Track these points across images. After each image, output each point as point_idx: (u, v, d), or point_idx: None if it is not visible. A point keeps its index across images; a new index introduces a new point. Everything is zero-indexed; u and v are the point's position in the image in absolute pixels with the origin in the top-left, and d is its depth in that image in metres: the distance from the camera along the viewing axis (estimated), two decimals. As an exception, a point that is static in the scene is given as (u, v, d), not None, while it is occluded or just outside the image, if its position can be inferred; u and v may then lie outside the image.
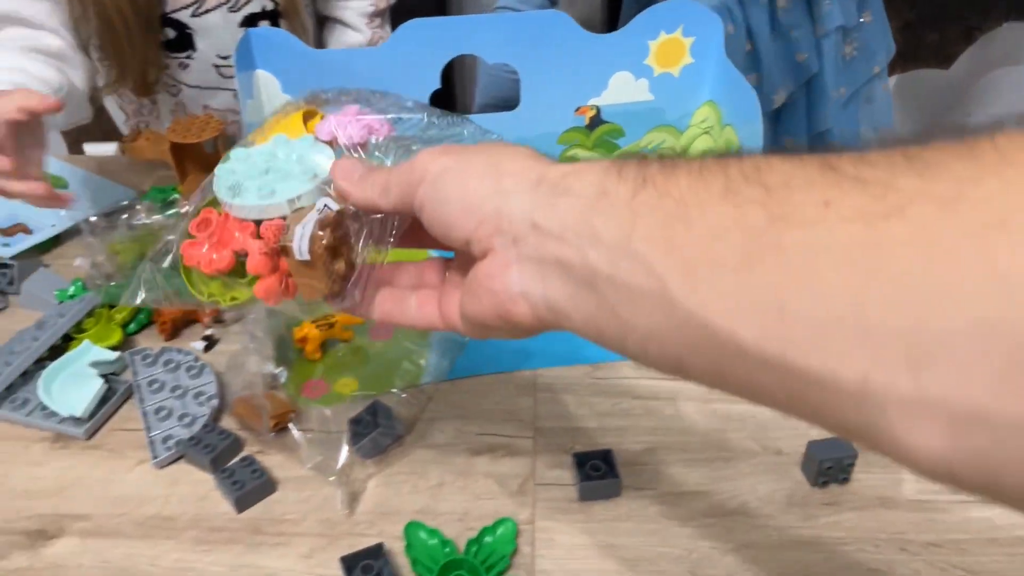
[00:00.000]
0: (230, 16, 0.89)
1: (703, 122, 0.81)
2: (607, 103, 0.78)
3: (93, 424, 0.61)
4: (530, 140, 0.76)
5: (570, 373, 0.67)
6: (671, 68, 0.77)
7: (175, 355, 0.66)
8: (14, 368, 0.63)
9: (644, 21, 0.74)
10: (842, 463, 0.55)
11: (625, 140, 0.81)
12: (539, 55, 0.74)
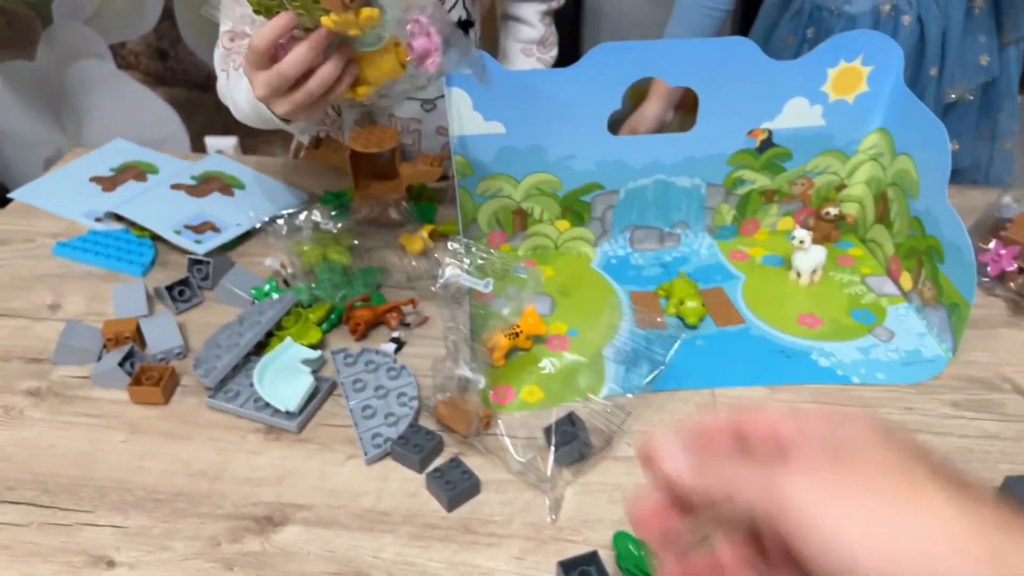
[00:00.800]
0: None
1: (871, 149, 0.82)
2: (779, 127, 0.80)
3: (303, 418, 0.65)
4: (701, 160, 0.79)
5: (750, 394, 0.68)
6: (846, 95, 0.78)
7: (374, 356, 0.69)
8: (228, 361, 0.68)
9: (826, 49, 0.76)
10: (1042, 500, 0.56)
11: (792, 163, 0.83)
12: (720, 80, 0.76)
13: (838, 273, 0.82)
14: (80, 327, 0.73)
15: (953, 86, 1.05)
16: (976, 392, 0.68)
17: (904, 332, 0.74)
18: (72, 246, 0.85)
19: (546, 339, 0.73)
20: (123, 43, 1.75)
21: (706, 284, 0.80)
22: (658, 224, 0.86)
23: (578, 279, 0.81)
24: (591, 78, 0.75)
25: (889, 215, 0.80)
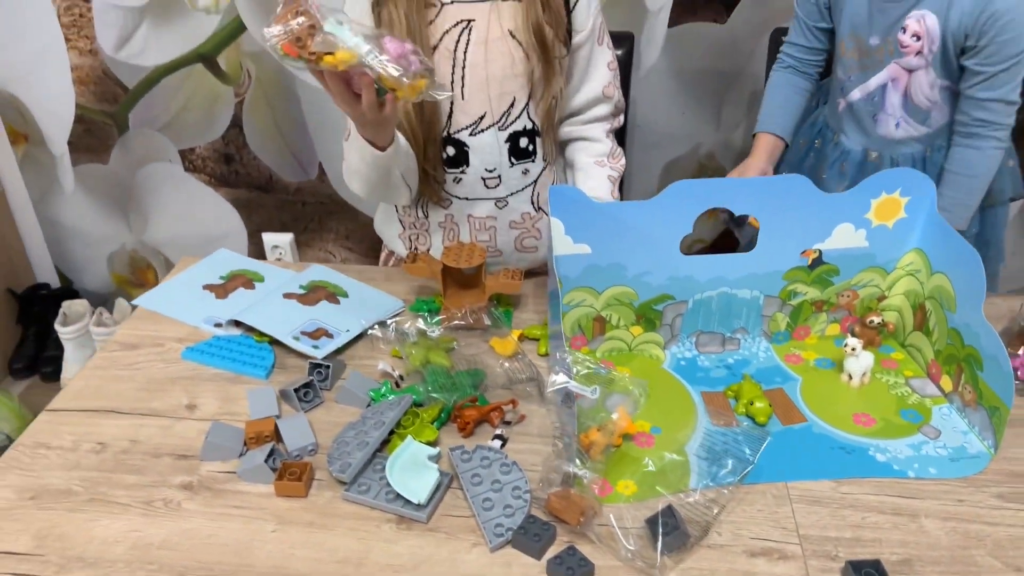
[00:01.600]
0: (499, 134, 1.06)
1: (908, 265, 0.93)
2: (829, 248, 0.91)
3: (431, 509, 0.74)
4: (760, 275, 0.91)
5: (817, 486, 0.78)
6: (887, 221, 0.90)
7: (487, 453, 0.79)
8: (361, 458, 0.77)
9: (870, 183, 0.88)
10: (1088, 584, 0.65)
11: (839, 278, 0.94)
12: (778, 209, 0.88)
13: (884, 375, 0.92)
14: (224, 427, 0.82)
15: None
16: (1019, 485, 0.77)
17: (949, 430, 0.84)
18: (200, 350, 0.95)
19: (634, 436, 0.83)
20: (192, 148, 1.90)
21: (768, 385, 0.90)
22: (721, 330, 0.96)
23: (654, 379, 0.91)
24: (666, 210, 0.87)
25: (928, 324, 0.91)
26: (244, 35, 1.73)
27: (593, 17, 1.05)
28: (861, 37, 1.08)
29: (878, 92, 1.09)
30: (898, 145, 1.12)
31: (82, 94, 1.86)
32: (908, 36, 1.02)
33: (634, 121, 1.72)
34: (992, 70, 0.99)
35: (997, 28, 0.96)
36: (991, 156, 1.04)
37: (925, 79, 1.04)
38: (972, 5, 0.97)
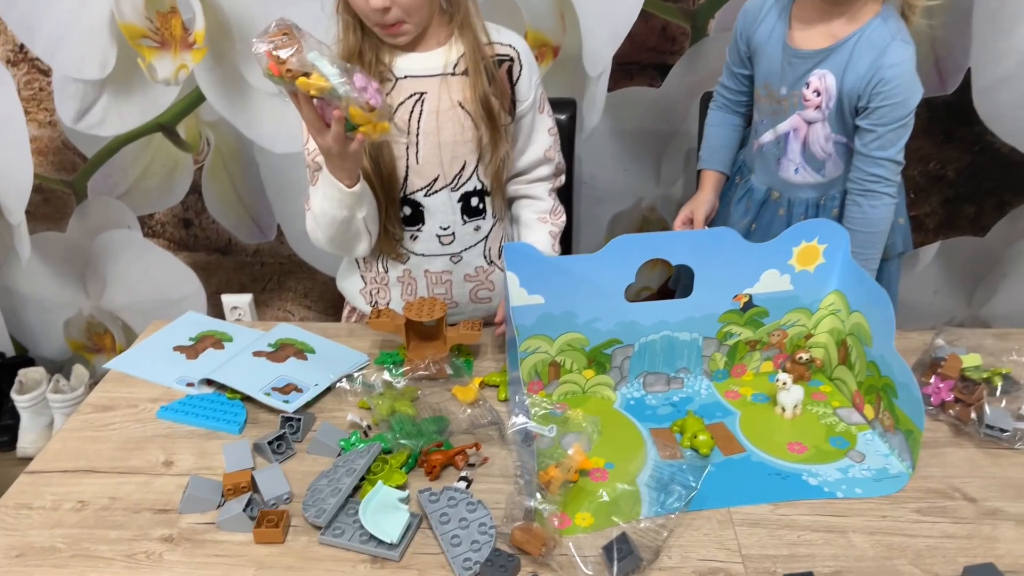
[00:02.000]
0: (452, 194, 1.14)
1: (830, 306, 1.03)
2: (758, 292, 1.01)
3: (402, 548, 0.79)
4: (697, 319, 0.99)
5: (757, 510, 0.85)
6: (808, 266, 1.00)
7: (454, 493, 0.84)
8: (335, 503, 0.82)
9: (791, 233, 0.97)
10: (994, 583, 0.73)
11: (769, 319, 1.03)
12: (711, 259, 0.97)
13: (814, 407, 1.01)
14: (202, 480, 0.87)
15: None
16: (934, 500, 0.86)
17: (872, 454, 0.93)
18: (174, 409, 1.00)
19: (589, 472, 0.89)
20: (151, 214, 1.94)
21: (710, 420, 0.98)
22: (665, 370, 1.04)
23: (606, 419, 0.98)
24: (610, 262, 0.95)
25: (850, 358, 1.00)
26: (203, 104, 1.80)
27: (534, 89, 1.15)
28: (772, 87, 1.20)
29: (783, 138, 1.20)
30: (796, 189, 1.23)
31: (40, 164, 1.89)
32: (810, 91, 1.14)
33: (580, 178, 1.82)
34: (883, 130, 1.10)
35: (886, 92, 1.08)
36: (886, 209, 1.15)
37: (822, 132, 1.16)
38: (865, 70, 1.09)
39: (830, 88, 1.13)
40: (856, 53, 1.10)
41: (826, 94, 1.13)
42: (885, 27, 1.10)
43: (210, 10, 1.67)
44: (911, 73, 1.10)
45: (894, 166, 1.13)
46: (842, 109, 1.13)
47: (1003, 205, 1.85)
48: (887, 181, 1.14)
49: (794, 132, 1.18)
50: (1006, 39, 1.66)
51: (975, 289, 1.94)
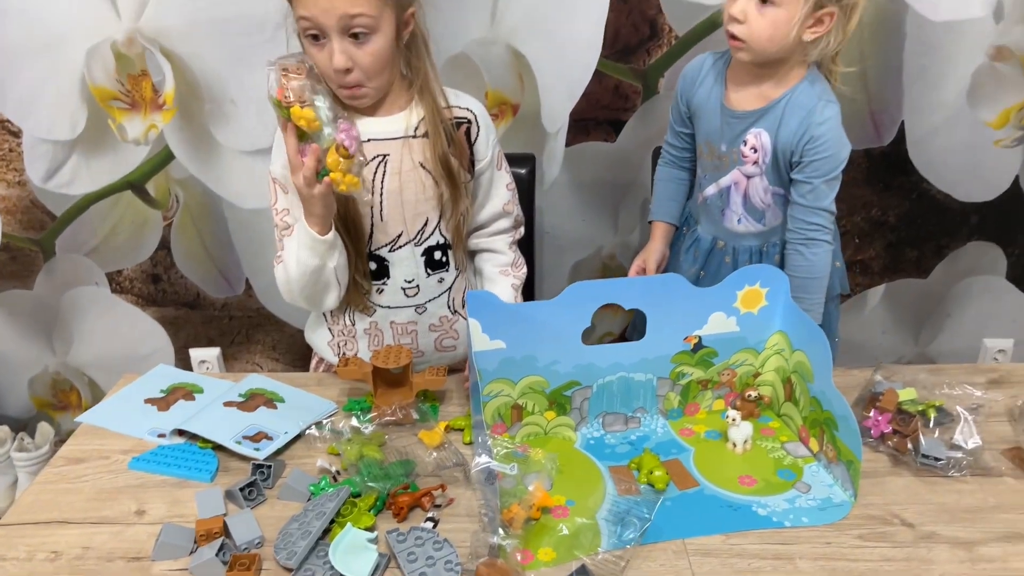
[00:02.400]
0: (415, 249, 1.19)
1: (775, 345, 1.09)
2: (706, 333, 1.07)
3: (373, 586, 0.82)
4: (651, 360, 1.05)
5: (710, 541, 0.89)
6: (752, 309, 1.07)
7: (420, 533, 0.88)
8: (306, 545, 0.85)
9: (734, 278, 1.04)
10: (928, 600, 0.78)
11: (718, 359, 1.09)
12: (662, 303, 1.03)
13: (763, 441, 1.06)
14: (175, 527, 0.89)
15: None
16: (875, 527, 0.91)
17: (818, 484, 0.98)
18: (146, 460, 1.02)
19: (551, 510, 0.93)
20: (120, 270, 1.96)
21: (666, 456, 1.03)
22: (623, 410, 1.09)
23: (567, 458, 1.03)
24: (567, 307, 1.01)
25: (795, 395, 1.07)
26: (173, 163, 1.84)
27: (492, 148, 1.22)
28: (713, 144, 1.28)
29: (726, 191, 1.28)
30: (740, 238, 1.30)
31: (8, 223, 1.91)
32: (748, 148, 1.22)
33: (543, 228, 1.89)
34: (817, 182, 1.18)
35: (816, 148, 1.17)
36: (825, 255, 1.22)
37: (760, 184, 1.24)
38: (796, 127, 1.17)
39: (765, 145, 1.21)
40: (787, 113, 1.19)
41: (762, 150, 1.21)
42: (812, 89, 1.19)
43: (180, 72, 1.73)
44: (838, 130, 1.19)
45: (828, 215, 1.21)
46: (777, 163, 1.21)
47: (941, 248, 1.95)
48: (824, 229, 1.21)
49: (735, 185, 1.26)
50: (934, 94, 1.78)
51: (921, 328, 2.03)
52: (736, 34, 1.15)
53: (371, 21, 1.04)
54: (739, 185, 1.25)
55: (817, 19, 1.13)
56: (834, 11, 1.12)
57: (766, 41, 1.14)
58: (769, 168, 1.22)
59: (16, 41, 1.71)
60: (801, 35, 1.13)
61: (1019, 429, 1.06)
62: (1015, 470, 1.00)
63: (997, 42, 1.73)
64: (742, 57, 1.18)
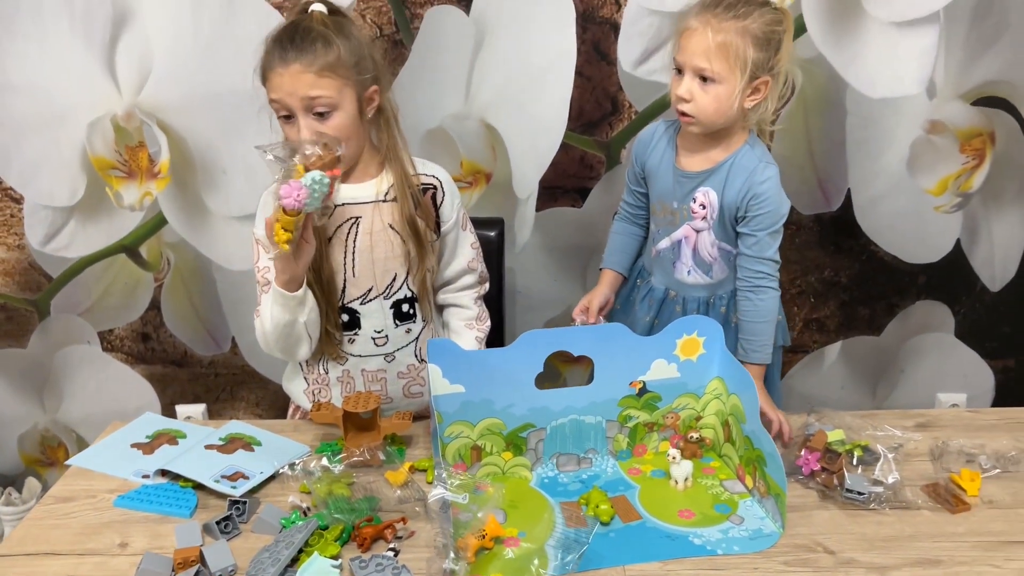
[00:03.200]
0: (384, 302, 1.29)
1: (714, 390, 1.19)
2: (650, 379, 1.17)
3: (335, 608, 0.90)
4: (600, 404, 1.14)
5: (649, 567, 0.97)
6: (691, 356, 1.17)
7: (381, 560, 0.96)
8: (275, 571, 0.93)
9: (673, 328, 1.14)
10: (838, 615, 0.86)
11: (662, 403, 1.19)
12: (608, 351, 1.13)
13: (704, 479, 1.15)
14: (155, 556, 0.96)
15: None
16: (799, 554, 0.99)
17: (750, 517, 1.06)
18: (130, 497, 1.10)
19: (504, 540, 1.01)
20: (111, 329, 2.05)
21: (613, 493, 1.11)
22: (575, 451, 1.18)
23: (522, 496, 1.11)
24: (521, 354, 1.11)
25: (732, 436, 1.16)
26: (165, 227, 1.95)
27: (456, 211, 1.33)
28: (666, 202, 1.39)
29: (677, 245, 1.39)
30: (690, 289, 1.41)
31: (6, 284, 2.01)
32: (697, 205, 1.33)
33: (514, 287, 2.00)
34: (761, 235, 1.29)
35: (759, 204, 1.28)
36: (772, 301, 1.32)
37: (708, 239, 1.35)
38: (740, 186, 1.29)
39: (713, 202, 1.33)
40: (731, 174, 1.31)
41: (710, 207, 1.33)
42: (752, 152, 1.31)
43: (175, 144, 1.86)
44: (777, 188, 1.31)
45: (773, 264, 1.31)
46: (723, 219, 1.33)
47: (892, 307, 2.06)
48: (770, 276, 1.32)
49: (685, 239, 1.37)
50: (876, 164, 1.92)
51: (877, 384, 2.13)
52: (685, 111, 1.28)
53: (331, 100, 1.17)
54: (689, 239, 1.36)
55: (754, 88, 1.26)
56: (768, 79, 1.26)
57: (712, 114, 1.27)
58: (716, 224, 1.33)
59: (23, 114, 1.84)
60: (743, 104, 1.27)
61: (938, 467, 1.15)
62: (932, 503, 1.08)
63: (931, 116, 1.88)
64: (693, 130, 1.31)
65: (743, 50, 1.22)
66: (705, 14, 1.23)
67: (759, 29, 1.22)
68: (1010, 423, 1.28)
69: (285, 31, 1.21)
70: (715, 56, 1.22)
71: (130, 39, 1.80)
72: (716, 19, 1.21)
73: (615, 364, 1.14)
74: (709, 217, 1.34)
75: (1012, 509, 1.07)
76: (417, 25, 1.82)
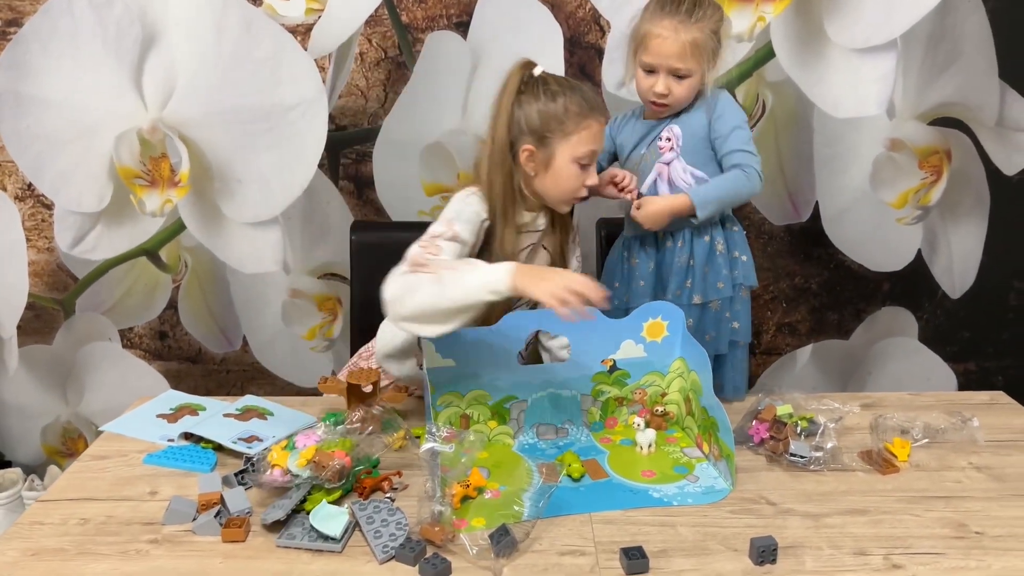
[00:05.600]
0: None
1: (676, 369, 1.33)
2: (619, 358, 1.31)
3: (344, 542, 1.04)
4: (575, 379, 1.28)
5: (612, 515, 1.11)
6: (656, 338, 1.31)
7: (378, 503, 1.10)
8: (287, 505, 1.07)
9: (640, 312, 1.29)
10: (770, 548, 1.00)
11: (631, 380, 1.33)
12: (582, 332, 1.27)
13: (666, 447, 1.29)
14: (181, 499, 1.11)
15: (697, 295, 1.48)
16: (744, 504, 1.13)
17: (705, 476, 1.20)
18: (157, 456, 1.24)
19: (486, 491, 1.15)
20: (131, 327, 2.20)
21: (585, 457, 1.25)
22: (553, 422, 1.32)
23: (505, 458, 1.25)
24: (505, 333, 1.26)
25: (693, 409, 1.30)
26: (184, 232, 2.12)
27: None
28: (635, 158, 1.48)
29: (652, 187, 1.49)
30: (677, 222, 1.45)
31: (36, 284, 2.17)
32: (663, 141, 1.44)
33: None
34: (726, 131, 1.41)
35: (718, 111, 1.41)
36: (752, 180, 1.40)
37: (680, 166, 1.44)
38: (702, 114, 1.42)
39: (678, 134, 1.43)
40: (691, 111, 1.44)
41: (675, 138, 1.43)
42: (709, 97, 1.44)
43: (195, 155, 2.02)
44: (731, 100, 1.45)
45: (750, 156, 1.41)
46: (694, 148, 1.43)
47: (860, 312, 2.21)
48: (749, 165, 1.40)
49: (659, 176, 1.46)
50: (841, 179, 2.09)
51: (846, 385, 2.27)
52: (663, 103, 1.42)
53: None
54: (662, 175, 1.45)
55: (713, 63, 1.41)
56: (720, 48, 1.41)
57: (685, 99, 1.42)
58: (684, 151, 1.44)
59: (57, 127, 2.01)
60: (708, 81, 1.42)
61: (875, 438, 1.29)
62: (866, 467, 1.22)
63: (892, 135, 2.05)
64: (667, 112, 1.44)
65: (708, 45, 1.38)
66: (670, 20, 1.36)
67: (716, 24, 1.39)
68: (946, 404, 1.42)
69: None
70: (688, 56, 1.37)
71: (157, 59, 1.97)
72: (683, 25, 1.36)
73: (589, 344, 1.29)
74: (676, 147, 1.44)
75: (937, 472, 1.22)
76: (419, 49, 1.99)
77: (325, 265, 2.16)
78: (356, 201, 2.12)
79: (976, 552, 1.03)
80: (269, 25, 1.94)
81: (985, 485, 1.18)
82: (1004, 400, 1.47)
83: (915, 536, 1.06)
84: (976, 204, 2.10)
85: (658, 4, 1.40)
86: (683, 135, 1.45)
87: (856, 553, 1.03)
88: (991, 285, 2.16)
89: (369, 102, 2.06)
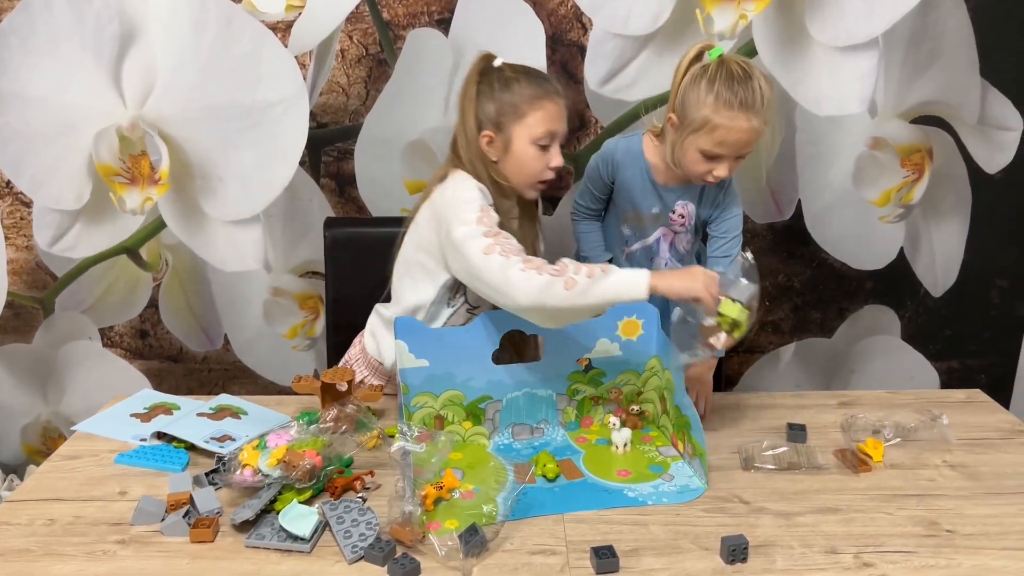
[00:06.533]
0: None
1: (652, 368, 1.33)
2: (595, 357, 1.30)
3: (313, 542, 1.03)
4: (551, 378, 1.28)
5: (585, 515, 1.11)
6: (631, 336, 1.31)
7: (349, 503, 1.09)
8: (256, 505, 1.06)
9: (615, 311, 1.29)
10: (740, 547, 0.99)
11: (607, 379, 1.33)
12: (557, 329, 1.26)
13: (642, 446, 1.29)
14: (150, 498, 1.10)
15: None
16: (718, 503, 1.13)
17: (680, 475, 1.20)
18: (129, 456, 1.23)
19: (460, 492, 1.15)
20: (111, 326, 2.19)
21: (561, 457, 1.25)
22: (529, 422, 1.32)
23: (479, 458, 1.25)
24: (479, 333, 1.25)
25: (668, 408, 1.30)
26: (164, 230, 2.10)
27: None
28: (641, 211, 1.51)
29: (655, 244, 1.53)
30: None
31: (14, 283, 2.15)
32: (676, 216, 1.49)
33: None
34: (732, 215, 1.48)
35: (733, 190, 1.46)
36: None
37: (685, 238, 1.52)
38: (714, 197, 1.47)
39: (691, 213, 1.49)
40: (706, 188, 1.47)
41: (688, 217, 1.49)
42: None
43: (175, 152, 2.01)
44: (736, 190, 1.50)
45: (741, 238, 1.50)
46: (696, 225, 1.50)
47: (842, 311, 2.21)
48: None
49: (663, 237, 1.51)
50: (824, 178, 2.08)
51: (829, 383, 2.27)
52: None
53: None
54: (667, 236, 1.51)
55: None
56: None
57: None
58: (691, 226, 1.51)
59: (36, 124, 1.99)
60: None
61: (848, 437, 1.29)
62: (839, 465, 1.22)
63: (874, 134, 2.04)
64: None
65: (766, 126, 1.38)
66: (745, 114, 1.33)
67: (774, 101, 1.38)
68: (922, 402, 1.42)
69: None
70: (754, 142, 1.37)
71: (136, 56, 1.96)
72: (756, 116, 1.33)
73: (564, 342, 1.29)
74: (687, 224, 1.50)
75: (910, 470, 1.21)
76: (400, 46, 1.98)
77: (306, 263, 2.15)
78: (338, 199, 2.10)
79: (946, 550, 1.03)
80: (249, 22, 1.93)
81: (958, 483, 1.18)
82: (981, 398, 1.47)
83: (886, 534, 1.06)
84: (958, 202, 2.11)
85: (730, 97, 1.33)
86: (694, 214, 1.51)
87: (827, 552, 1.02)
88: (973, 283, 2.16)
89: (350, 99, 2.04)
